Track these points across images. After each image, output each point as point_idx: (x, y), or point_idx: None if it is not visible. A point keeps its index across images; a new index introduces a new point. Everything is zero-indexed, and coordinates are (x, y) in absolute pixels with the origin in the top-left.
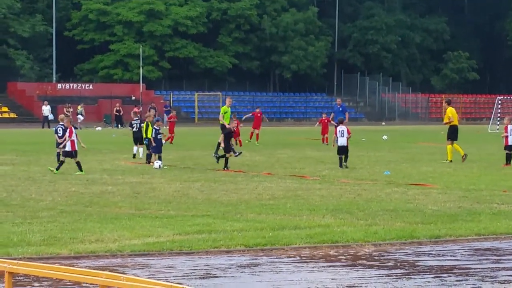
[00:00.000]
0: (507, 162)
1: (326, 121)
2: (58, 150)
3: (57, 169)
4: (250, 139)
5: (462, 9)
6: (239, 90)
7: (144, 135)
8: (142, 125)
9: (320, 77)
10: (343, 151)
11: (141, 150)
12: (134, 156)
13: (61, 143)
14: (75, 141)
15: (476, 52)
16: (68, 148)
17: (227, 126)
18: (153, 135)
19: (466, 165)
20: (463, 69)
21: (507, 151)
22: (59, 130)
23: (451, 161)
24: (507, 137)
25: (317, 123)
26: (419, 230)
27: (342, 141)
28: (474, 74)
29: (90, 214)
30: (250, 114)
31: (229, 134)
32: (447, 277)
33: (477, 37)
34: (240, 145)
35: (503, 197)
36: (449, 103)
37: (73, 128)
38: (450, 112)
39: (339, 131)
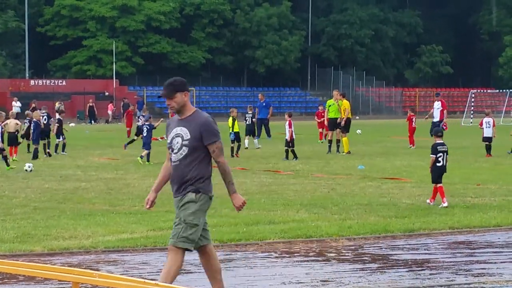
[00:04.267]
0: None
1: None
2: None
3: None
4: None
5: (436, 2)
6: (212, 85)
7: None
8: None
9: (294, 71)
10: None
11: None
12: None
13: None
14: None
15: (449, 46)
16: None
17: None
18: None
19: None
20: (437, 63)
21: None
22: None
23: (349, 152)
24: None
25: (316, 118)
26: (393, 224)
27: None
28: (448, 68)
29: (64, 211)
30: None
31: None
32: (421, 270)
33: (451, 31)
34: None
35: (477, 191)
36: (344, 95)
37: None
38: (347, 105)
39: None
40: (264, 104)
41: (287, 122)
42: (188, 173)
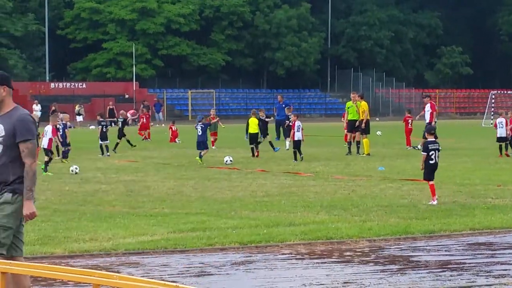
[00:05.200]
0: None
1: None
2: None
3: (45, 170)
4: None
5: (455, 4)
6: (232, 87)
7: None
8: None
9: (314, 73)
10: (298, 145)
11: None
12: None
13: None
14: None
15: (469, 47)
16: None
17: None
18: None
19: (461, 160)
20: (457, 64)
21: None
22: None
23: (368, 154)
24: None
25: (342, 119)
26: (414, 226)
27: (298, 136)
28: (468, 69)
29: (84, 213)
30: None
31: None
32: (442, 272)
33: (470, 32)
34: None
35: (498, 192)
36: (362, 97)
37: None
38: (365, 106)
39: (297, 126)
40: (283, 105)
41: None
42: (3, 173)
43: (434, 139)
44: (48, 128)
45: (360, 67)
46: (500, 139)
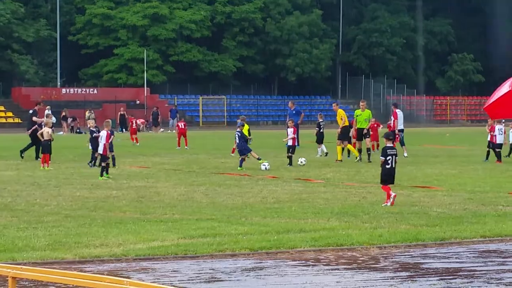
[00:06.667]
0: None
1: (375, 125)
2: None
3: (101, 175)
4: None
5: (467, 11)
6: (243, 94)
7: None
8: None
9: (325, 80)
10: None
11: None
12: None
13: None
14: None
15: (481, 54)
16: (100, 151)
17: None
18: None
19: (471, 167)
20: (468, 71)
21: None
22: (93, 134)
23: (341, 160)
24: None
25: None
26: (424, 233)
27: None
28: (479, 76)
29: (95, 219)
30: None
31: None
32: (452, 279)
33: (482, 39)
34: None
35: (509, 199)
36: (337, 105)
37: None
38: (342, 114)
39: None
40: (294, 111)
41: (292, 130)
42: None
43: (392, 145)
44: (103, 134)
45: (371, 74)
46: (498, 146)
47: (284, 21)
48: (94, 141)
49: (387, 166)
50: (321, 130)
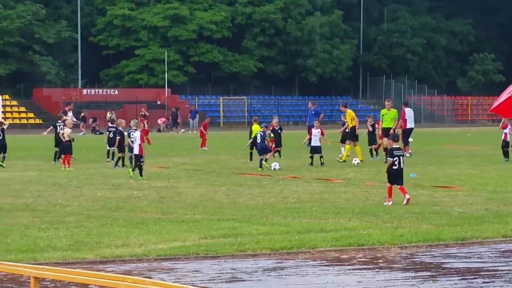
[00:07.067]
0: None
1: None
2: (130, 154)
3: (133, 170)
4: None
5: (488, 11)
6: (264, 94)
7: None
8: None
9: (345, 80)
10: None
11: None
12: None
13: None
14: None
15: (502, 54)
16: (136, 151)
17: None
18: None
19: (493, 167)
20: (489, 71)
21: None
22: (132, 134)
23: (361, 160)
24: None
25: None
26: (446, 233)
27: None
28: (500, 76)
29: (116, 219)
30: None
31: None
32: (474, 279)
33: (503, 39)
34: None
35: None
36: (346, 105)
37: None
38: (353, 114)
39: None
40: (313, 112)
41: (318, 130)
42: None
43: (398, 146)
44: (137, 135)
45: (392, 74)
46: (506, 144)
47: (305, 22)
48: (118, 140)
49: (395, 167)
50: (371, 130)
